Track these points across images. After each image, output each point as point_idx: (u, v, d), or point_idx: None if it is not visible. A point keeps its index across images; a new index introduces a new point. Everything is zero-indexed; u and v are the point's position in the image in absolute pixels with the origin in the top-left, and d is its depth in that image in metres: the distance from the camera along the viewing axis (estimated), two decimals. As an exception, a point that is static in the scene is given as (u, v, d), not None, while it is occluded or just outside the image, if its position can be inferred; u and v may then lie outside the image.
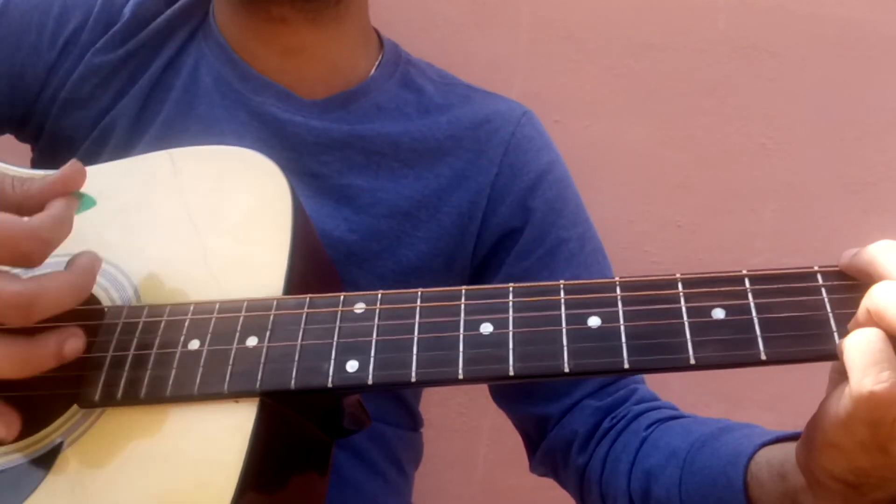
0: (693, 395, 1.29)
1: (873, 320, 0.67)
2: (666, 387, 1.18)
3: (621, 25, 1.59)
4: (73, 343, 0.78)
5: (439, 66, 1.32)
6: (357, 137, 1.16)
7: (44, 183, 0.79)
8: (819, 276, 0.74)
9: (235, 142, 1.04)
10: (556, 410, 1.14)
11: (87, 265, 0.79)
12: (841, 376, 0.72)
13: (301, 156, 1.14)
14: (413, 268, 1.15)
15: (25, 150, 1.22)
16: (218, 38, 1.19)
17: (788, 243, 1.65)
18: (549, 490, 1.23)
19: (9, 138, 1.21)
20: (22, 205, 0.78)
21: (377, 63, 1.24)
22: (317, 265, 0.96)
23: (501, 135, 1.21)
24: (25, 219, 0.75)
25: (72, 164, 0.80)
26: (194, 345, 0.82)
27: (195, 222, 0.92)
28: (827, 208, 1.64)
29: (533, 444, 1.20)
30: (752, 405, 1.67)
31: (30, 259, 0.75)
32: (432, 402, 1.63)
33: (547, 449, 1.17)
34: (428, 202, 1.16)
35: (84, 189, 0.82)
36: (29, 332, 0.76)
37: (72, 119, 1.15)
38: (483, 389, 1.28)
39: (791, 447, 0.81)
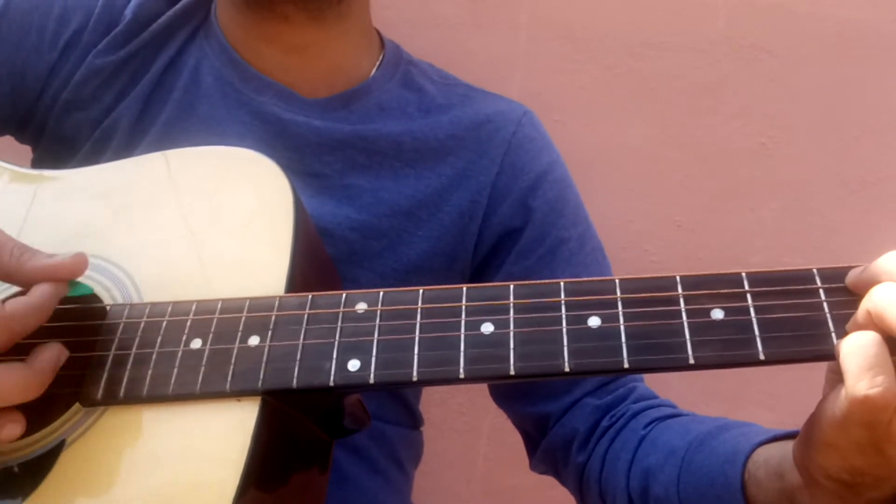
0: (693, 395, 1.29)
1: (873, 322, 0.68)
2: (666, 386, 1.18)
3: (621, 25, 1.59)
4: (10, 430, 0.78)
5: (439, 65, 1.32)
6: (359, 137, 1.17)
7: (38, 263, 0.80)
8: (817, 277, 0.75)
9: (237, 142, 1.05)
10: (556, 409, 1.15)
11: (47, 361, 0.79)
12: (837, 376, 0.72)
13: (303, 156, 1.14)
14: (414, 266, 1.15)
15: (26, 150, 1.23)
16: (219, 37, 1.19)
17: (788, 242, 1.65)
18: (549, 490, 1.23)
19: (9, 138, 1.22)
20: (11, 275, 0.79)
21: (378, 63, 1.25)
22: (318, 265, 0.96)
23: (503, 134, 1.22)
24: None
25: (75, 256, 0.81)
26: (196, 344, 0.82)
27: (196, 222, 0.93)
28: (826, 207, 1.64)
29: (533, 442, 1.21)
30: (750, 404, 1.67)
31: None
32: (433, 402, 1.64)
33: (547, 447, 1.17)
34: (429, 201, 1.17)
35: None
36: None
37: (73, 120, 1.16)
38: (483, 389, 1.29)
39: (788, 446, 0.82)
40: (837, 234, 1.64)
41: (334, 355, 0.79)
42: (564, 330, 0.77)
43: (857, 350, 0.67)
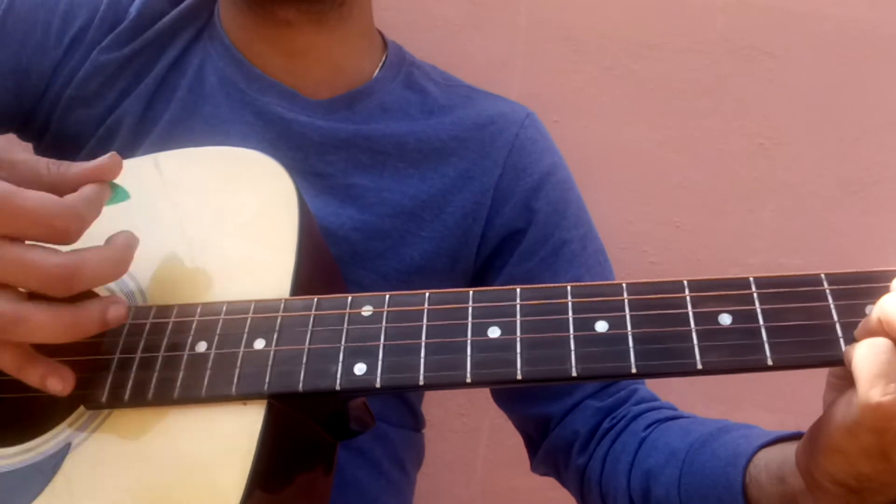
0: (693, 396, 1.29)
1: (884, 329, 0.68)
2: (667, 387, 1.18)
3: (620, 26, 1.59)
4: (115, 310, 0.80)
5: (438, 66, 1.32)
6: (362, 137, 1.17)
7: (79, 169, 0.80)
8: (825, 282, 0.74)
9: (240, 142, 1.05)
10: (558, 411, 1.15)
11: (125, 242, 0.80)
12: (840, 381, 0.73)
13: (307, 155, 1.14)
14: (417, 267, 1.15)
15: (28, 148, 1.22)
16: (223, 38, 1.19)
17: (787, 243, 1.65)
18: (549, 491, 1.23)
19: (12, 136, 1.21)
20: (55, 187, 0.79)
21: (381, 64, 1.25)
22: (322, 266, 0.96)
23: (506, 136, 1.22)
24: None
25: (110, 155, 0.82)
26: (202, 347, 0.82)
27: (201, 223, 0.92)
28: (825, 208, 1.65)
29: (534, 444, 1.21)
30: (751, 406, 1.67)
31: (65, 235, 0.76)
32: (432, 403, 1.63)
33: (548, 449, 1.17)
34: (432, 202, 1.17)
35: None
36: (71, 300, 0.77)
37: (77, 117, 1.16)
38: (483, 390, 1.28)
39: (790, 449, 0.82)
40: (836, 235, 1.64)
41: (340, 359, 0.79)
42: (571, 334, 0.76)
43: (869, 356, 0.67)
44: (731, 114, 1.62)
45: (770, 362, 0.72)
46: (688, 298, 0.76)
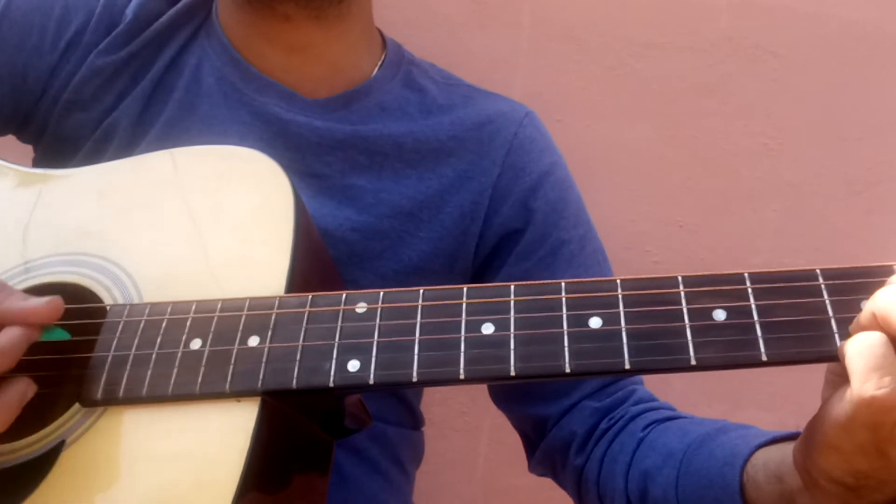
0: (694, 395, 1.29)
1: (879, 324, 0.68)
2: (668, 386, 1.18)
3: (623, 25, 1.59)
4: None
5: (440, 65, 1.32)
6: (360, 138, 1.16)
7: (14, 307, 0.80)
8: (820, 277, 0.74)
9: (238, 142, 1.04)
10: (555, 411, 1.15)
11: (13, 397, 0.80)
12: (838, 378, 0.72)
13: (304, 156, 1.14)
14: (415, 268, 1.15)
15: (27, 149, 1.22)
16: (221, 37, 1.19)
17: (790, 243, 1.65)
18: (550, 490, 1.23)
19: (10, 137, 1.21)
20: None
21: (380, 63, 1.24)
22: (318, 265, 0.96)
23: (504, 135, 1.21)
24: None
25: (50, 301, 0.81)
26: (196, 344, 0.82)
27: (197, 221, 0.93)
28: (829, 208, 1.64)
29: (532, 444, 1.20)
30: (752, 405, 1.67)
31: None
32: (434, 402, 1.63)
33: (546, 449, 1.17)
34: (430, 202, 1.16)
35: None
36: None
37: (74, 120, 1.15)
38: (484, 389, 1.28)
39: (787, 448, 0.82)
40: (840, 234, 1.64)
41: (334, 356, 0.79)
42: (565, 331, 0.76)
43: (863, 351, 0.67)
44: (735, 113, 1.62)
45: (764, 358, 0.72)
46: (682, 294, 0.76)
